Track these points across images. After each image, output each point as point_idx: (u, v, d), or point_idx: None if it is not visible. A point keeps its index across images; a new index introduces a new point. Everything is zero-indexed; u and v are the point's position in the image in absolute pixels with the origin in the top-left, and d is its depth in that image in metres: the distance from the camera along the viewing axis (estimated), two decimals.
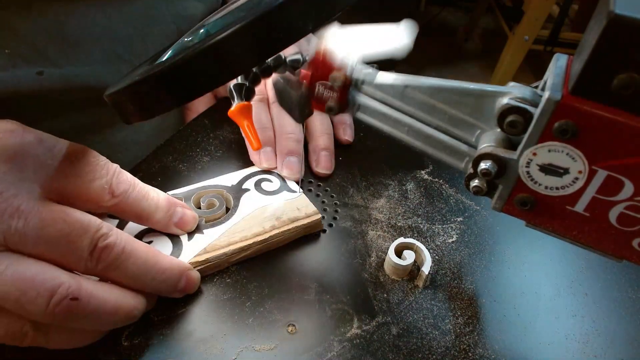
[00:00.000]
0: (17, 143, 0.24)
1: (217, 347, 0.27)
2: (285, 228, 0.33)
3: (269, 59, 0.29)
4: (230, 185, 0.37)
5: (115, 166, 0.28)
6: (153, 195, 0.29)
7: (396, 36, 0.26)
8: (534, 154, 0.22)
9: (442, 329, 0.30)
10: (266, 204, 0.35)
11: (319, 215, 0.35)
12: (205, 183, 0.36)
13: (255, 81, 0.31)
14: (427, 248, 0.33)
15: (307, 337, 0.28)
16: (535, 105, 0.22)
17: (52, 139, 0.26)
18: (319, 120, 0.43)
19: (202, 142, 0.44)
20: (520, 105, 0.22)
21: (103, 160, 0.27)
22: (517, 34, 1.80)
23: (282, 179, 0.38)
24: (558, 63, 0.22)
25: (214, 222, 0.33)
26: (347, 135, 0.44)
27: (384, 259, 0.34)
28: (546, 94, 0.20)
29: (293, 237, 0.34)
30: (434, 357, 0.28)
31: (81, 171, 0.26)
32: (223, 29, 0.20)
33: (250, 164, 0.41)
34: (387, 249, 0.33)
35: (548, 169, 0.22)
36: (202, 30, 0.27)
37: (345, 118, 0.45)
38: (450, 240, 0.37)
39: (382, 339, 0.29)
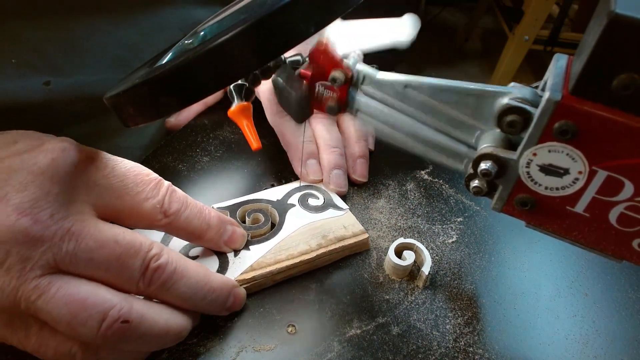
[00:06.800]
0: (69, 163, 0.24)
1: (217, 347, 0.27)
2: (332, 247, 0.32)
3: None
4: (275, 200, 0.36)
5: (168, 184, 0.28)
6: (205, 214, 0.29)
7: (399, 27, 0.26)
8: (534, 155, 0.22)
9: (442, 329, 0.30)
10: (312, 220, 0.34)
11: (366, 235, 0.34)
12: (249, 197, 0.36)
13: (255, 82, 0.31)
14: (427, 248, 0.33)
15: (307, 337, 0.28)
16: (535, 106, 0.22)
17: (105, 157, 0.26)
18: (353, 127, 0.43)
19: (202, 142, 0.44)
20: (521, 105, 0.22)
21: (156, 177, 0.27)
22: (517, 34, 1.80)
23: (328, 194, 0.38)
24: (558, 63, 0.22)
25: (259, 237, 0.33)
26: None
27: (384, 259, 0.34)
28: (546, 95, 0.20)
29: (339, 256, 0.34)
30: (433, 357, 0.28)
31: (133, 190, 0.26)
32: (224, 32, 0.20)
33: (251, 164, 0.41)
34: (387, 249, 0.33)
35: (548, 170, 0.22)
36: (202, 33, 0.27)
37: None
38: (450, 241, 0.37)
39: (382, 339, 0.29)
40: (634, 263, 0.23)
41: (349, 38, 0.26)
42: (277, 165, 0.42)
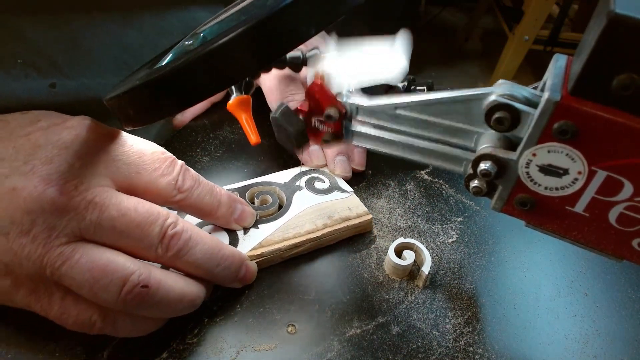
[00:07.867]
0: (91, 138, 0.26)
1: (217, 347, 0.27)
2: (337, 227, 0.34)
3: None
4: (282, 182, 0.38)
5: (182, 163, 0.29)
6: (216, 192, 0.30)
7: (392, 62, 0.27)
8: (534, 155, 0.22)
9: (442, 329, 0.30)
10: (318, 202, 0.36)
11: (370, 216, 0.36)
12: (258, 179, 0.38)
13: (255, 75, 0.31)
14: (427, 248, 0.33)
15: (307, 337, 0.28)
16: (522, 101, 0.22)
17: (124, 135, 0.28)
18: None
19: (202, 142, 0.44)
20: (505, 101, 0.22)
21: (170, 156, 0.29)
22: (517, 34, 1.80)
23: (334, 178, 0.39)
24: (557, 63, 0.22)
25: (267, 217, 0.34)
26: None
27: (384, 259, 0.34)
28: (545, 95, 0.20)
29: (344, 236, 0.35)
30: (433, 357, 0.28)
31: (150, 167, 0.27)
32: (225, 33, 0.20)
33: (252, 164, 0.41)
34: (387, 249, 0.33)
35: (548, 170, 0.22)
36: (202, 34, 0.27)
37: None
38: (450, 240, 0.37)
39: (382, 339, 0.29)
40: (634, 262, 0.23)
41: (344, 74, 0.27)
42: (277, 165, 0.42)
